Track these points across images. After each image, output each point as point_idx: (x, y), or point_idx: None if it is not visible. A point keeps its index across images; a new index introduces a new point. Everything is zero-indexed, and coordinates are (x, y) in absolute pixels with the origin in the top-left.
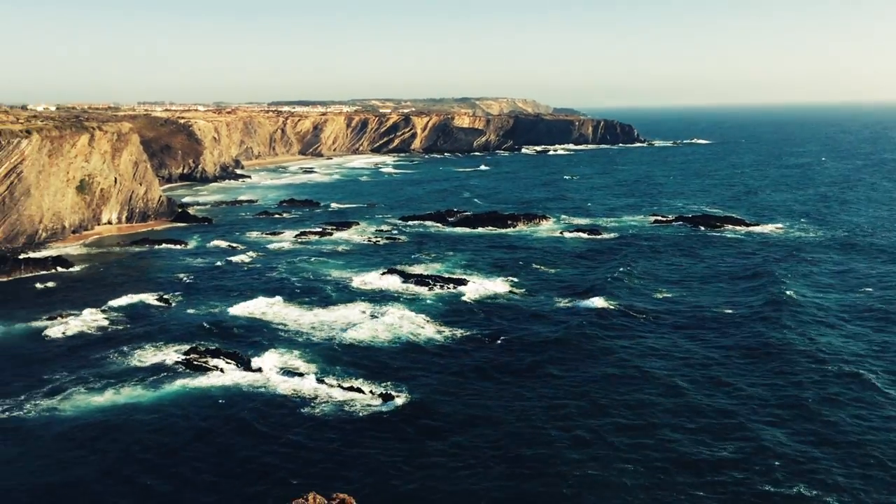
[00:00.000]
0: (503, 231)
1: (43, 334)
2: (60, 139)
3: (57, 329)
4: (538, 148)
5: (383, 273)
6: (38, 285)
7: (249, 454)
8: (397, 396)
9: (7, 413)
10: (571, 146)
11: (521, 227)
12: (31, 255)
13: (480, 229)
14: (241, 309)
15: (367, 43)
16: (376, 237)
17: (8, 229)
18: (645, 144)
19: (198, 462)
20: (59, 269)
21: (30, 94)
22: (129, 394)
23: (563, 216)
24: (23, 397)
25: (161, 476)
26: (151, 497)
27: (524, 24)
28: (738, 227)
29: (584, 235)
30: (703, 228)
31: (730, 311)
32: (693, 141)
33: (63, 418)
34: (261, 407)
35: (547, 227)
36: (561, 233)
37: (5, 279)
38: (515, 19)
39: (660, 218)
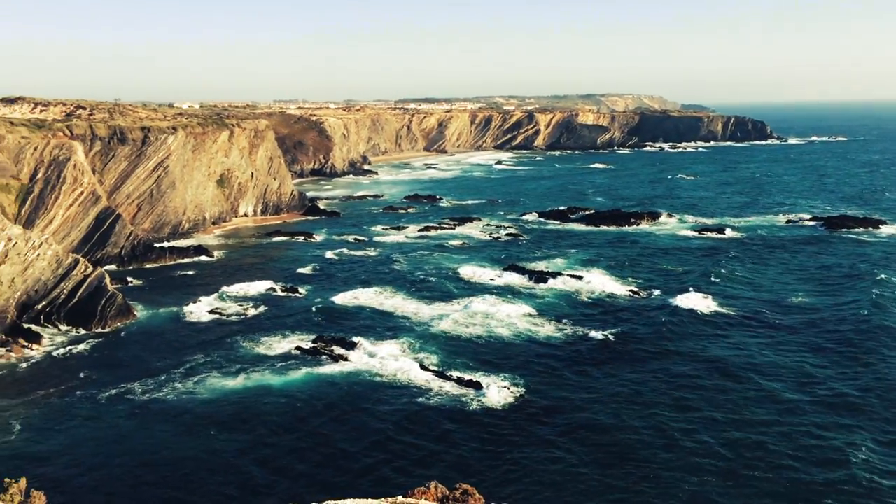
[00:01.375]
0: (625, 229)
1: (183, 318)
2: (203, 135)
3: (195, 314)
4: (664, 145)
5: (503, 269)
6: (181, 272)
7: (368, 442)
8: (511, 391)
9: (148, 395)
10: (700, 143)
11: (644, 226)
12: (175, 244)
13: (602, 227)
14: (364, 299)
15: (492, 40)
16: (497, 233)
17: (155, 220)
18: (778, 141)
19: (318, 447)
20: (200, 257)
21: (177, 92)
22: (259, 379)
23: (688, 215)
24: (164, 377)
25: (282, 459)
26: (270, 479)
27: (652, 19)
28: (877, 230)
29: (710, 235)
30: (838, 230)
31: (859, 315)
32: (832, 138)
33: (199, 400)
34: (380, 396)
35: (671, 226)
36: (685, 232)
37: (152, 266)
38: (642, 14)
39: (791, 217)
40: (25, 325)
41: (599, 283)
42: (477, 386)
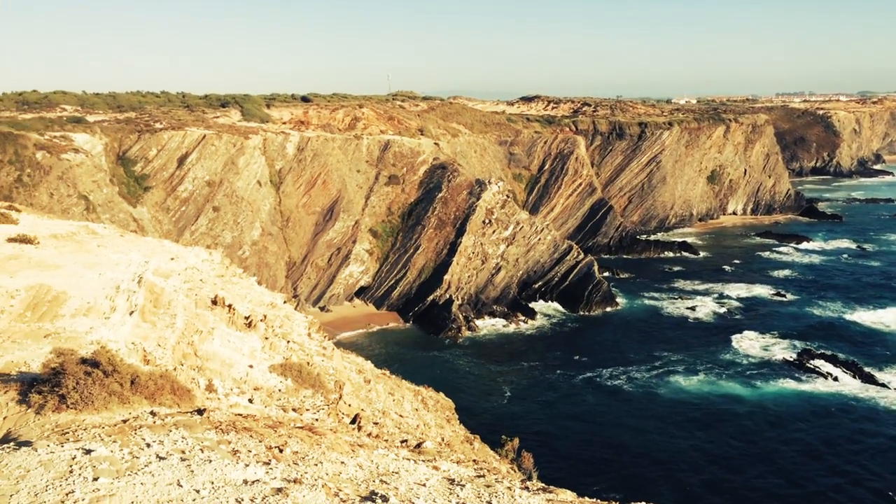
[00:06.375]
0: None
1: (659, 313)
2: (697, 131)
3: (671, 310)
4: None
5: None
6: (663, 267)
7: (852, 478)
8: None
9: (611, 381)
10: None
11: None
12: (660, 237)
13: None
14: (864, 316)
15: None
16: None
17: (643, 213)
18: None
19: (785, 471)
20: (684, 253)
21: (675, 88)
22: (726, 385)
23: None
24: (632, 368)
25: (729, 474)
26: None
27: None
28: None
29: None
30: None
31: None
32: None
33: (660, 397)
34: (880, 429)
35: None
36: None
37: (636, 257)
38: None
39: None
40: (523, 301)
41: None
42: None
